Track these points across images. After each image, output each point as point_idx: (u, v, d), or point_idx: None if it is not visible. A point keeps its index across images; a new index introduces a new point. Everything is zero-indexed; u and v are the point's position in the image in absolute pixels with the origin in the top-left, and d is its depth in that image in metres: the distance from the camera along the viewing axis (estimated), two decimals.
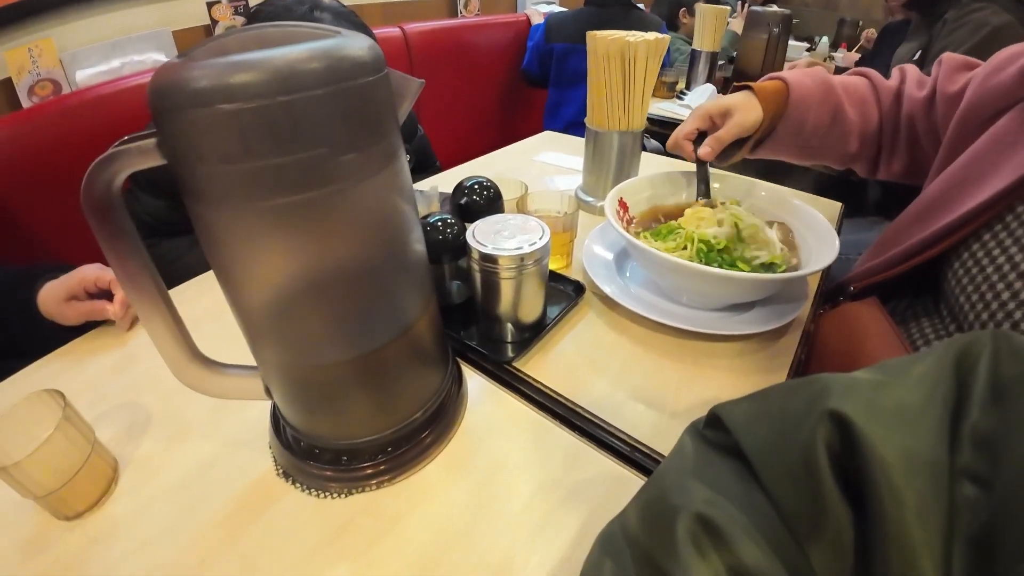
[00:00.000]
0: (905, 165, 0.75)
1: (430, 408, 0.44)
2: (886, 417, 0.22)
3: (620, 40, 0.71)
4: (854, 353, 0.61)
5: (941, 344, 0.25)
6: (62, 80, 1.13)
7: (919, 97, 0.70)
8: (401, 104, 0.34)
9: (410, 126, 1.10)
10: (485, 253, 0.49)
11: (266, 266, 0.32)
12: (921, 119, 0.70)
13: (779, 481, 0.23)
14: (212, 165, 0.27)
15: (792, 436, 0.23)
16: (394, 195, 0.34)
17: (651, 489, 0.28)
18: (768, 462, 0.24)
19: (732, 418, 0.27)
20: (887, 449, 0.21)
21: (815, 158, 0.77)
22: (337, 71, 0.28)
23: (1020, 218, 0.53)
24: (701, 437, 0.28)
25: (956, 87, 0.65)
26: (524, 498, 0.41)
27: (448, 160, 1.12)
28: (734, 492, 0.24)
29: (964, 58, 0.68)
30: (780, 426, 0.25)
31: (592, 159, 0.83)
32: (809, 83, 0.70)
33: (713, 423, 0.28)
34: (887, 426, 0.22)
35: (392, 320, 0.38)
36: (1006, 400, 0.21)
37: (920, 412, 0.22)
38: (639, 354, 0.56)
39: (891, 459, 0.21)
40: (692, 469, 0.26)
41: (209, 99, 0.25)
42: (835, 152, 0.76)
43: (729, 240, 0.58)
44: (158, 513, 0.41)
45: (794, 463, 0.23)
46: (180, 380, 0.40)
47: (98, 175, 0.29)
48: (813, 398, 0.24)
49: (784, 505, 0.23)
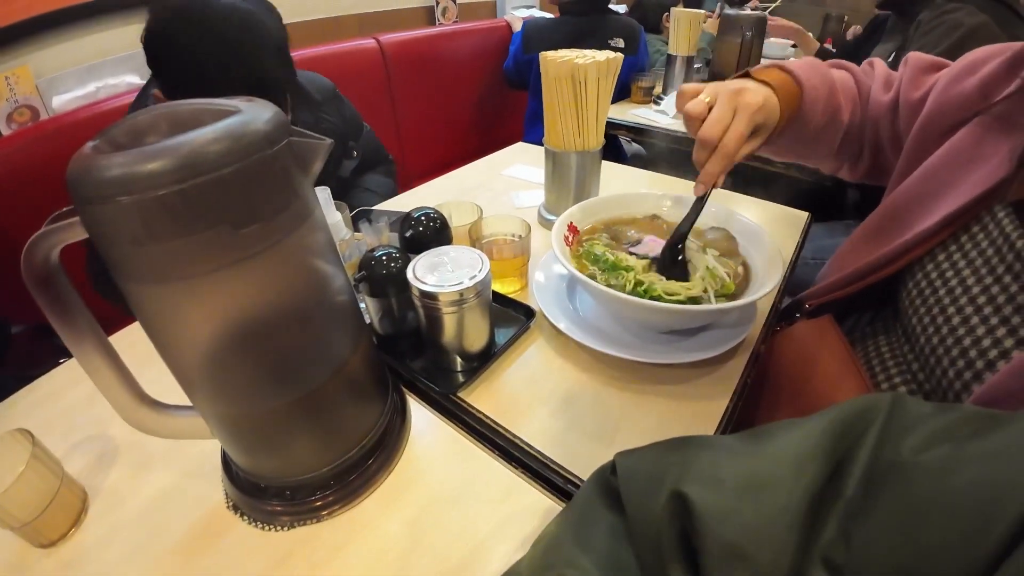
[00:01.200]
0: (869, 167, 0.73)
1: (368, 443, 0.46)
2: (728, 494, 0.23)
3: (569, 62, 0.72)
4: (807, 373, 0.61)
5: (835, 409, 0.25)
6: (39, 106, 1.15)
7: (884, 101, 0.67)
8: (312, 165, 0.36)
9: (355, 125, 1.11)
10: (424, 290, 0.51)
11: (188, 330, 0.34)
12: (885, 125, 0.68)
13: (641, 543, 0.25)
14: (123, 246, 0.29)
15: (653, 503, 0.25)
16: (307, 253, 0.36)
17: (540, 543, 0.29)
18: (635, 520, 0.26)
19: (621, 469, 0.28)
20: (723, 525, 0.22)
21: (799, 157, 0.73)
22: (239, 149, 0.30)
23: (974, 238, 0.53)
24: (600, 485, 0.30)
25: (919, 93, 0.63)
26: (455, 530, 0.44)
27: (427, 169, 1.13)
28: (602, 551, 0.26)
29: (931, 59, 0.66)
30: (647, 487, 0.26)
31: (552, 178, 0.85)
32: (818, 82, 0.63)
33: (614, 469, 0.29)
34: (728, 503, 0.23)
35: (320, 364, 0.40)
36: (875, 490, 0.21)
37: (770, 490, 0.23)
38: (584, 381, 0.57)
39: (727, 534, 0.22)
40: (573, 524, 0.28)
41: (112, 192, 0.27)
42: (821, 152, 0.71)
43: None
44: (123, 540, 0.45)
45: (650, 531, 0.25)
46: (130, 424, 0.42)
47: (34, 251, 0.32)
48: (675, 467, 0.25)
49: (644, 566, 0.25)
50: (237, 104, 0.32)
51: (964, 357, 0.49)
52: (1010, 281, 0.47)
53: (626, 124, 1.53)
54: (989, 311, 0.48)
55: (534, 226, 0.77)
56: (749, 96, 0.55)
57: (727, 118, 0.54)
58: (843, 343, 0.60)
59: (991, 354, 0.47)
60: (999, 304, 0.48)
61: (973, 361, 0.48)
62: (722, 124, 0.53)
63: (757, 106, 0.54)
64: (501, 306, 0.66)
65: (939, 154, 0.58)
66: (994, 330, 0.47)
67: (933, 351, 0.53)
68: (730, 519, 0.22)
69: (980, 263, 0.51)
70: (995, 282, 0.49)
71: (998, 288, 0.48)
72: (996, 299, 0.48)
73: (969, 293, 0.51)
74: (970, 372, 0.48)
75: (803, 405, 0.59)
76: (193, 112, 0.32)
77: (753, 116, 0.54)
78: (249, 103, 0.32)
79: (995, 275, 0.49)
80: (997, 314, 0.47)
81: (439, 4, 1.97)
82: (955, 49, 1.12)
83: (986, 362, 0.47)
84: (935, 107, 0.60)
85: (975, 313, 0.49)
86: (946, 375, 0.51)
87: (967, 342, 0.49)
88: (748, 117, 0.54)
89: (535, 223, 0.88)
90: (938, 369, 0.52)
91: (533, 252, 0.72)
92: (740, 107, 0.54)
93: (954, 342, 0.50)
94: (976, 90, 0.56)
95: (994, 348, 0.47)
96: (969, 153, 0.55)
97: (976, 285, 0.50)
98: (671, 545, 0.24)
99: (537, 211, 0.90)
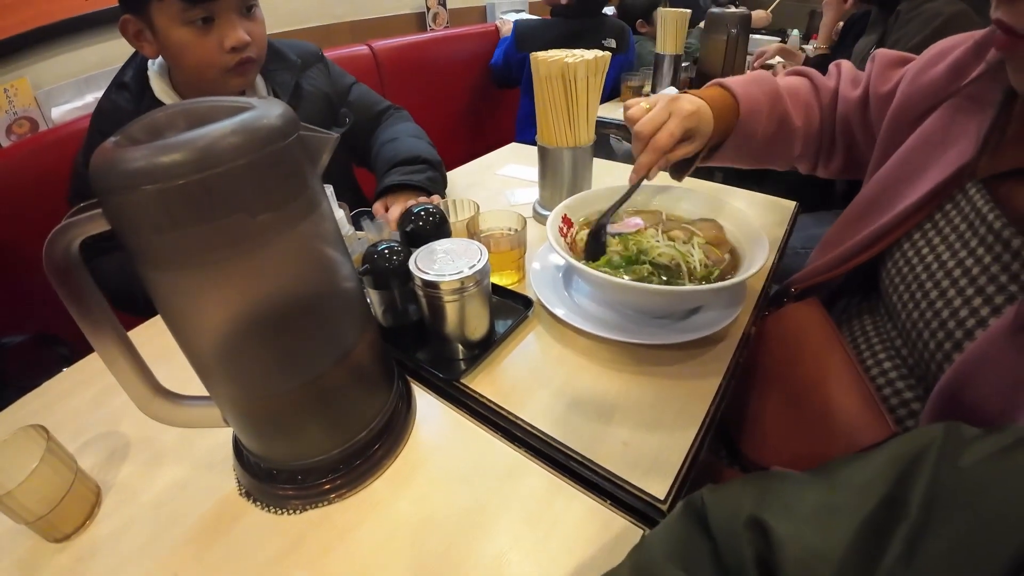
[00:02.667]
0: (843, 163, 0.76)
1: (376, 427, 0.48)
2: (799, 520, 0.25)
3: (559, 61, 0.75)
4: (795, 352, 0.63)
5: (896, 440, 0.27)
6: (38, 117, 1.16)
7: (853, 97, 0.71)
8: (320, 157, 0.38)
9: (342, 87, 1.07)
10: (426, 280, 0.53)
11: (205, 315, 0.36)
12: (856, 119, 0.71)
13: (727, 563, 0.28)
14: (146, 234, 0.31)
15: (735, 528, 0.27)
16: (317, 241, 0.38)
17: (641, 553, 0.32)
18: (721, 544, 0.28)
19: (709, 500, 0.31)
20: (794, 547, 0.24)
21: (761, 163, 0.78)
22: (253, 142, 0.32)
23: (947, 216, 0.55)
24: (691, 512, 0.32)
25: (888, 86, 0.67)
26: (463, 506, 0.45)
27: None
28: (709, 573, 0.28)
29: (898, 54, 0.69)
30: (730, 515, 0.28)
31: (545, 175, 0.87)
32: (757, 93, 0.70)
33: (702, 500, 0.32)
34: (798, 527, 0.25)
35: (329, 350, 0.42)
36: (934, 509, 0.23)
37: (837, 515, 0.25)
38: (582, 364, 0.60)
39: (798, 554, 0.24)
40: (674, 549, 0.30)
41: (137, 182, 0.29)
42: (780, 157, 0.77)
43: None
44: (137, 533, 0.46)
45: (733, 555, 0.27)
46: (146, 414, 0.44)
47: (56, 243, 0.33)
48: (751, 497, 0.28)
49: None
50: (251, 101, 0.34)
51: (943, 329, 0.51)
52: (983, 253, 0.49)
53: (616, 123, 1.56)
54: (965, 283, 0.50)
55: (529, 222, 0.79)
56: (683, 103, 0.64)
57: (661, 118, 0.63)
58: (828, 322, 0.62)
59: (969, 323, 0.49)
60: (974, 276, 0.50)
61: (952, 332, 0.50)
62: (654, 123, 0.62)
63: (688, 112, 0.63)
64: (501, 297, 0.68)
65: (911, 140, 0.61)
66: (970, 300, 0.49)
67: (914, 326, 0.55)
68: (799, 541, 0.24)
69: (954, 239, 0.53)
70: (969, 255, 0.51)
71: (972, 261, 0.50)
72: (971, 271, 0.50)
73: (945, 268, 0.53)
74: (950, 343, 0.50)
75: (793, 382, 0.62)
76: (209, 109, 0.34)
77: (684, 120, 0.62)
78: (261, 100, 0.34)
79: (969, 249, 0.51)
80: (972, 285, 0.50)
81: (430, 10, 2.00)
82: (933, 37, 1.12)
83: (964, 331, 0.49)
84: (905, 97, 0.63)
85: (951, 286, 0.51)
86: (927, 347, 0.53)
87: (945, 314, 0.51)
88: (680, 120, 0.62)
89: (530, 219, 0.90)
90: (919, 343, 0.54)
91: (529, 246, 0.74)
92: (674, 111, 0.63)
93: (933, 315, 0.52)
94: (944, 76, 0.59)
95: (971, 318, 0.49)
96: (940, 136, 0.58)
97: (951, 260, 0.52)
98: (751, 567, 0.26)
99: (532, 207, 0.93)
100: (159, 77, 0.83)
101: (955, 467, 0.24)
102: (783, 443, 0.61)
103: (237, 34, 0.76)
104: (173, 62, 0.81)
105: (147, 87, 0.83)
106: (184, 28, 0.74)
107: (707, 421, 0.52)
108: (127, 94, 0.83)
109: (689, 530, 0.31)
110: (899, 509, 0.23)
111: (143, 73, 0.84)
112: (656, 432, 0.51)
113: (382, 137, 1.03)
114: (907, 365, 0.58)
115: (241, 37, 0.77)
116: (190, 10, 0.73)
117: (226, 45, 0.76)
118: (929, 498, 0.23)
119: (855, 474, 0.26)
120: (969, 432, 0.25)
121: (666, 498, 0.45)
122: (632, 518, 0.44)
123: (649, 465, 0.47)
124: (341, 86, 1.06)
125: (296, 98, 0.95)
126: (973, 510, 0.22)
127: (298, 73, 0.97)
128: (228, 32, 0.76)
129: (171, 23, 0.74)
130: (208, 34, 0.76)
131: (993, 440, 0.24)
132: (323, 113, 1.00)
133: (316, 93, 0.99)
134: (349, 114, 1.01)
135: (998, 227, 0.48)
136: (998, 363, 0.44)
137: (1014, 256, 0.47)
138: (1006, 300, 0.47)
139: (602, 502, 0.46)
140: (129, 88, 0.83)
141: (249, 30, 0.79)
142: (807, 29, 2.92)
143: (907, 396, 0.56)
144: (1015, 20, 0.41)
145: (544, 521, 0.44)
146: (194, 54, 0.76)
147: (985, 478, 0.23)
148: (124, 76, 0.85)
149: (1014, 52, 0.44)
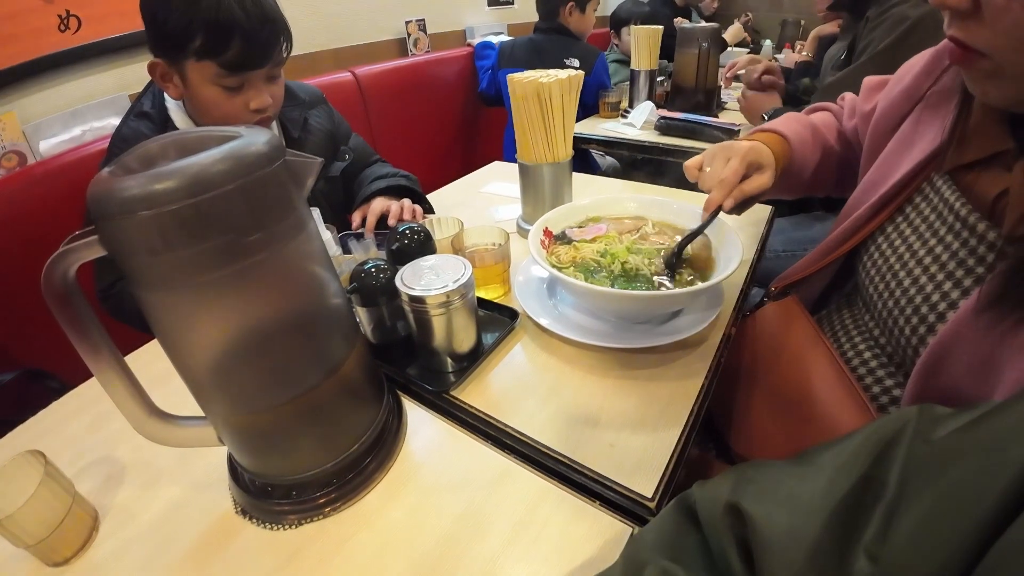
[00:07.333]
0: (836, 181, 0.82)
1: (368, 439, 0.49)
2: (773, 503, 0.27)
3: (534, 82, 0.78)
4: (777, 347, 0.66)
5: (871, 424, 0.28)
6: (27, 151, 1.17)
7: (850, 126, 0.78)
8: (305, 180, 0.40)
9: (344, 130, 1.16)
10: (413, 295, 0.54)
11: (198, 332, 0.37)
12: (854, 142, 0.78)
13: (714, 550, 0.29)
14: (141, 257, 0.33)
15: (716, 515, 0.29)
16: (305, 260, 0.39)
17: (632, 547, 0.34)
18: (708, 534, 0.30)
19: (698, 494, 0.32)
20: (770, 529, 0.26)
21: (810, 191, 0.82)
22: (241, 167, 0.34)
23: (917, 208, 0.58)
24: (683, 506, 0.33)
25: (871, 105, 0.72)
26: (456, 512, 0.47)
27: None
28: (698, 563, 0.29)
29: (880, 78, 0.74)
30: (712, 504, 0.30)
31: (527, 191, 0.90)
32: (798, 127, 0.74)
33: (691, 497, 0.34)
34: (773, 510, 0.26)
35: (318, 365, 0.44)
36: (908, 485, 0.24)
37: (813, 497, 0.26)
38: (567, 372, 0.61)
39: (773, 536, 0.25)
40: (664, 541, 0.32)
41: (133, 208, 0.31)
42: (824, 183, 0.81)
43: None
44: (135, 554, 0.46)
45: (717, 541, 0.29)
46: (141, 434, 0.45)
47: (54, 269, 0.35)
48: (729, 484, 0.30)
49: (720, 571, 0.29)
50: (238, 130, 0.36)
51: (917, 314, 0.54)
52: (952, 239, 0.52)
53: (596, 138, 1.60)
54: (935, 269, 0.53)
55: (513, 237, 0.81)
56: (737, 144, 0.67)
57: (722, 162, 0.65)
58: (807, 318, 0.65)
59: (940, 307, 0.51)
60: (943, 261, 0.52)
61: (925, 316, 0.53)
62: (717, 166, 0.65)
63: (746, 149, 0.65)
64: (487, 310, 0.70)
65: (889, 145, 0.65)
66: (941, 285, 0.52)
67: (890, 314, 0.58)
68: (774, 523, 0.26)
69: (924, 228, 0.56)
70: (939, 243, 0.54)
71: (942, 248, 0.53)
72: (940, 257, 0.53)
73: (916, 256, 0.56)
74: (924, 326, 0.53)
75: (776, 379, 0.64)
76: (199, 138, 0.36)
77: (745, 156, 0.65)
78: (248, 129, 0.36)
79: (938, 236, 0.54)
80: (943, 270, 0.52)
81: (410, 35, 2.05)
82: (902, 40, 1.16)
83: (937, 315, 0.51)
84: (883, 108, 0.68)
85: (923, 273, 0.54)
86: (903, 333, 0.55)
87: (918, 300, 0.54)
88: (741, 157, 0.64)
89: (514, 234, 0.92)
90: (896, 330, 0.57)
91: (513, 260, 0.76)
92: (732, 153, 0.66)
93: (907, 302, 0.55)
94: (914, 83, 0.63)
95: (943, 301, 0.51)
96: (910, 136, 0.62)
97: (922, 248, 0.55)
98: (732, 552, 0.27)
99: (516, 223, 0.95)
100: (179, 110, 0.88)
101: (926, 441, 0.24)
102: (770, 438, 0.63)
103: (263, 98, 0.83)
104: (197, 110, 0.87)
105: (168, 118, 0.88)
106: (215, 87, 0.80)
107: (691, 420, 0.53)
108: (149, 123, 0.88)
109: (679, 523, 0.32)
110: (878, 488, 0.24)
111: (163, 104, 0.89)
112: (641, 433, 0.52)
113: (364, 173, 1.13)
114: (886, 353, 0.60)
115: (266, 101, 0.84)
116: (226, 77, 0.79)
117: (252, 107, 0.83)
118: (905, 475, 0.24)
119: (832, 457, 0.27)
120: (941, 411, 0.26)
121: (653, 496, 0.46)
122: (621, 517, 0.46)
123: (635, 465, 0.49)
124: (343, 128, 1.15)
125: (305, 132, 1.03)
126: (938, 484, 0.23)
127: (306, 110, 1.04)
128: (254, 96, 0.83)
129: (203, 80, 0.79)
130: (236, 96, 0.82)
131: (962, 416, 0.25)
132: (326, 148, 1.07)
133: (321, 129, 1.06)
134: (349, 151, 1.10)
135: (964, 213, 0.51)
136: (968, 342, 0.46)
137: (980, 240, 0.49)
138: (974, 282, 0.49)
139: (591, 503, 0.47)
140: (151, 118, 0.88)
141: (273, 93, 0.85)
142: (779, 39, 3.02)
143: (888, 384, 0.59)
144: (967, 36, 0.45)
145: (535, 524, 0.45)
146: (220, 110, 0.82)
147: (950, 451, 0.23)
148: (143, 105, 0.89)
149: (968, 65, 0.47)
